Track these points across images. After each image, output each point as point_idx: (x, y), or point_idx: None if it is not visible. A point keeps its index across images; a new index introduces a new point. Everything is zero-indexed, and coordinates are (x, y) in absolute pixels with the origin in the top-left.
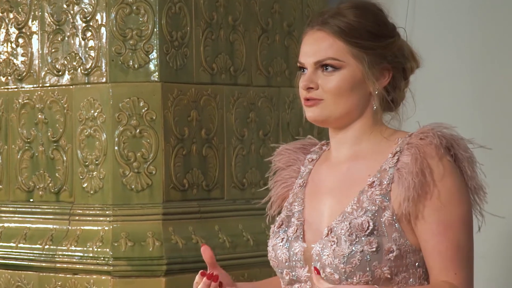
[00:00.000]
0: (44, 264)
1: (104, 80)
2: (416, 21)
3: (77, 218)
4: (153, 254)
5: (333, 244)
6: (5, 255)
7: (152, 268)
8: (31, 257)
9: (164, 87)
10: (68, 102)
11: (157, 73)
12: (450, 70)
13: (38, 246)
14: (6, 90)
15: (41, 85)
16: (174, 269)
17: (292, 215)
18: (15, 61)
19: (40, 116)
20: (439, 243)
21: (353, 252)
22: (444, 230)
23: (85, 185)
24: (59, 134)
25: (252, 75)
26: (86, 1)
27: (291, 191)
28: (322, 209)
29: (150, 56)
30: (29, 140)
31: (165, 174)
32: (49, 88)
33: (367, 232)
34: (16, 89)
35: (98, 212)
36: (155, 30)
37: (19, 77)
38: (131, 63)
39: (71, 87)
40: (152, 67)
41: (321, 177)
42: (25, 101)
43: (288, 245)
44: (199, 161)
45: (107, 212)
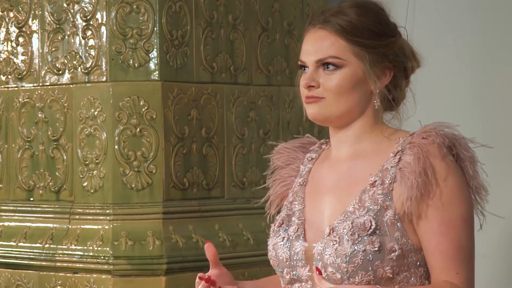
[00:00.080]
0: (44, 263)
1: (104, 79)
2: (416, 21)
3: (77, 217)
4: (153, 253)
5: (335, 243)
6: (5, 254)
7: (152, 267)
8: (31, 256)
9: (164, 86)
10: (68, 101)
11: (157, 72)
12: (450, 70)
13: (38, 245)
14: (6, 89)
15: (41, 84)
16: (174, 268)
17: (292, 214)
18: (15, 60)
19: (40, 115)
20: (440, 243)
21: (356, 251)
22: (445, 229)
23: (85, 184)
24: (59, 133)
25: (252, 74)
26: (86, 0)
27: (290, 190)
28: (322, 208)
29: (150, 55)
30: (29, 139)
31: (165, 173)
32: (49, 87)
33: (369, 231)
34: (16, 88)
35: (98, 211)
36: (155, 29)
37: (19, 76)
38: (131, 62)
39: (71, 86)
40: (152, 66)
41: (321, 176)
42: (25, 100)
43: (289, 244)
44: (199, 160)
45: (107, 211)
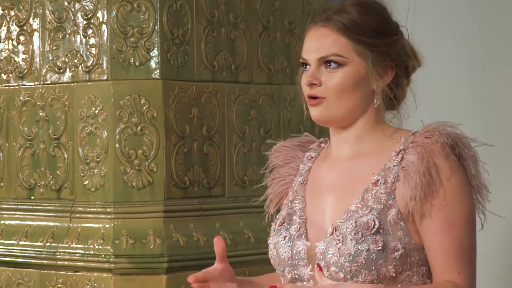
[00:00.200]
0: (45, 261)
1: (105, 77)
2: (416, 20)
3: (78, 215)
4: (154, 251)
5: (338, 242)
6: (6, 253)
7: (153, 265)
8: (32, 255)
9: (165, 84)
10: (69, 99)
11: (158, 71)
12: (450, 69)
13: (39, 243)
14: (7, 87)
15: (42, 83)
16: (175, 267)
17: (293, 213)
18: (16, 58)
19: (41, 113)
20: (442, 242)
21: (359, 251)
22: (447, 229)
23: (86, 183)
24: (60, 131)
25: (253, 72)
26: None
27: (290, 189)
28: (324, 207)
29: (151, 53)
30: (30, 137)
31: (166, 171)
32: (50, 85)
33: (373, 230)
34: (17, 87)
35: (99, 209)
36: (156, 27)
37: (20, 75)
38: (132, 61)
39: (72, 84)
40: (153, 64)
41: (321, 175)
42: (26, 99)
43: (291, 243)
44: (200, 158)
45: (108, 209)
